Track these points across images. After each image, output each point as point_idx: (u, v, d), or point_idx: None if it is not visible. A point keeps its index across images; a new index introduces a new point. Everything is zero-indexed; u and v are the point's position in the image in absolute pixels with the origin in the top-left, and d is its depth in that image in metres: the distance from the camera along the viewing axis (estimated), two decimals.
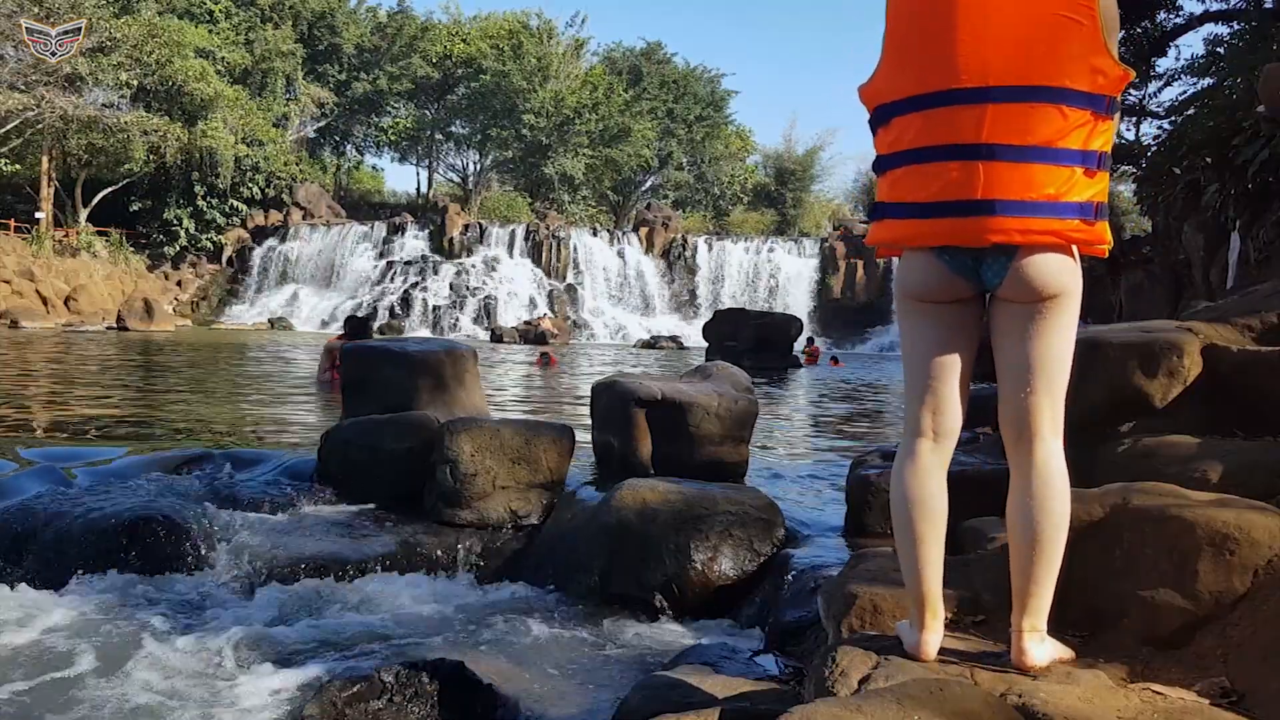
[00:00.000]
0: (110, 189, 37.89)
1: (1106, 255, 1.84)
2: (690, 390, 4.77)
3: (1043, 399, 1.82)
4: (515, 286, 38.91)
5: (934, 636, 1.86)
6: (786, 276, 41.10)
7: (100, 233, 37.36)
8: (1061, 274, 1.79)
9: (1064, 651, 1.86)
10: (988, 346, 1.95)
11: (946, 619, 1.95)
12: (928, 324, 1.92)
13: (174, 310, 34.22)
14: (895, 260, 2.02)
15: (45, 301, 29.48)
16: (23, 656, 2.81)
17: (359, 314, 21.46)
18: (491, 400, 7.53)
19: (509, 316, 36.24)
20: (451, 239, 41.02)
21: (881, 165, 1.91)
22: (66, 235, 35.86)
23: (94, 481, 4.24)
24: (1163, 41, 14.86)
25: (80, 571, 3.45)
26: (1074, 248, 1.80)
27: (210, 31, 41.11)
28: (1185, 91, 16.80)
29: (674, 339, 32.86)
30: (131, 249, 38.45)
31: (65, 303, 30.43)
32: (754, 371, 8.09)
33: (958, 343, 1.92)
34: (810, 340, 24.73)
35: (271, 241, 40.93)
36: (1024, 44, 1.73)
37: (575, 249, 41.20)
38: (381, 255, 40.63)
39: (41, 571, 3.45)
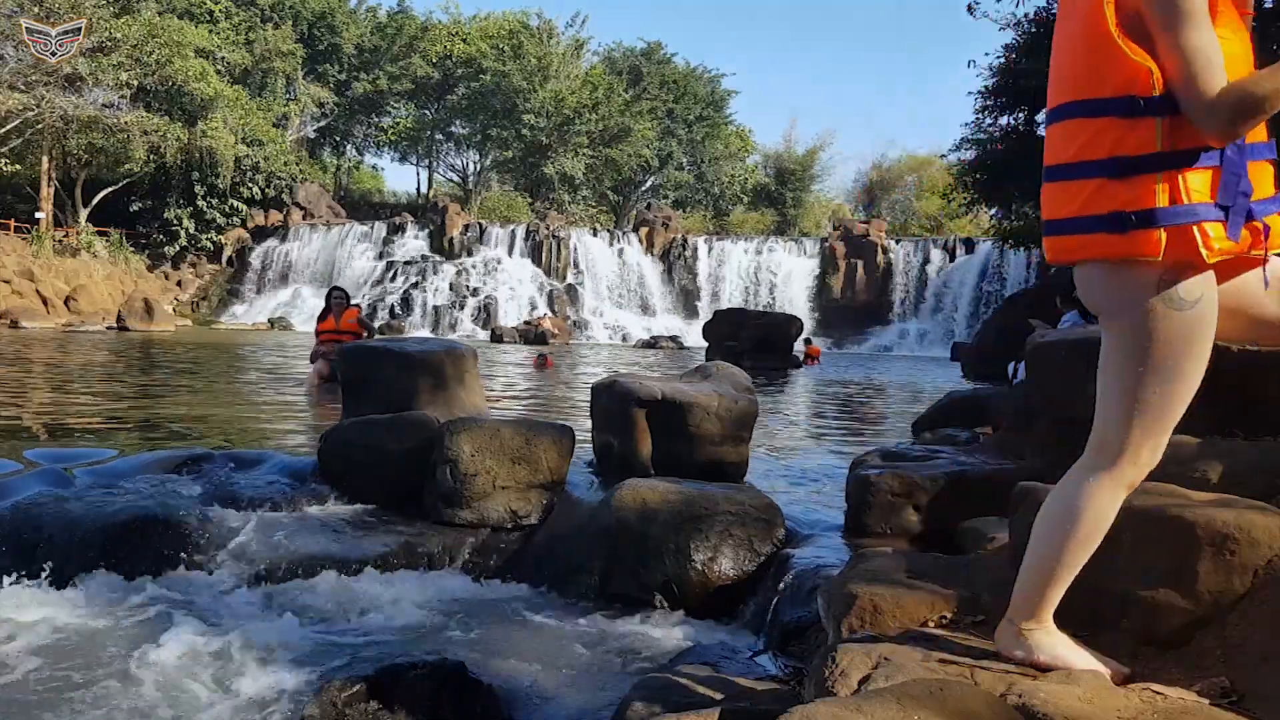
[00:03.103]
0: (110, 189, 37.91)
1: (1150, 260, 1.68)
2: (690, 390, 4.77)
3: (1097, 419, 1.83)
4: (515, 287, 38.90)
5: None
6: (786, 276, 41.06)
7: (100, 233, 37.36)
8: (1104, 293, 1.78)
9: (1067, 656, 1.82)
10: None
11: (947, 619, 1.95)
12: None
13: (174, 310, 34.21)
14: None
15: (45, 301, 29.46)
16: (22, 655, 2.80)
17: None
18: (491, 400, 7.53)
19: (509, 317, 36.24)
20: (451, 239, 41.03)
21: None
22: (66, 235, 35.86)
23: (94, 481, 4.23)
24: None
25: (80, 571, 3.45)
26: (1119, 264, 1.72)
27: (210, 31, 41.13)
28: None
29: (674, 339, 32.87)
30: (131, 249, 38.46)
31: (65, 303, 30.41)
32: (754, 371, 8.08)
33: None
34: (808, 341, 24.81)
35: (271, 241, 40.93)
36: (1060, 66, 1.82)
37: (575, 249, 41.20)
38: (381, 255, 40.63)
39: (41, 571, 3.44)
